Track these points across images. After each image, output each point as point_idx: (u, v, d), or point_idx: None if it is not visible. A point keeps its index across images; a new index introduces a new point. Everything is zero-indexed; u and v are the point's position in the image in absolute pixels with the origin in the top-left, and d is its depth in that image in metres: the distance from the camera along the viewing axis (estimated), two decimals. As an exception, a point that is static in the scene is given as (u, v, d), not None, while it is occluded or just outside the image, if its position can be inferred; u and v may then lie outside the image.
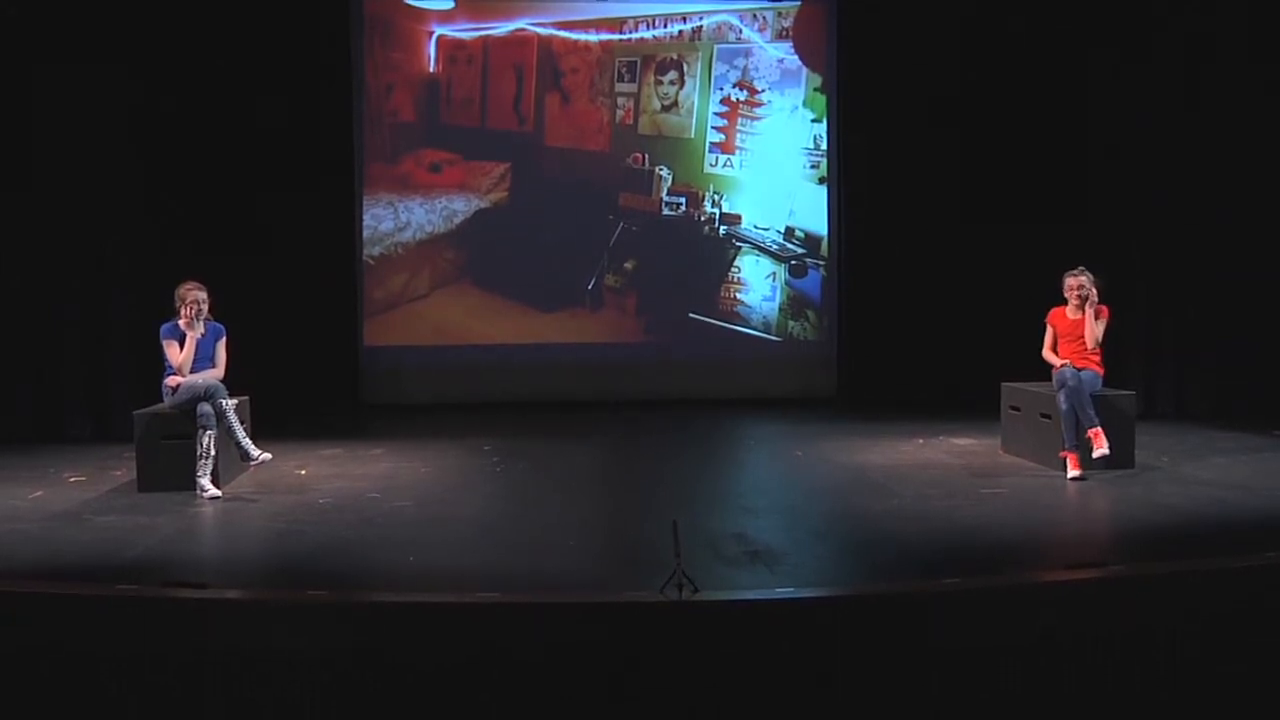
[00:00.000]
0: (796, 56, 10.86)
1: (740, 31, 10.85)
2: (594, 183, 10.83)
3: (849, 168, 10.67)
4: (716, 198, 10.87)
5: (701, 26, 10.85)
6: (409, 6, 10.63)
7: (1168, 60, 9.28)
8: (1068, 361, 6.97)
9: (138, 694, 4.08)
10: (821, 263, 10.92)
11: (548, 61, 10.77)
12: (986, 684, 4.13)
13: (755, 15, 10.84)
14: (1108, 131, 9.56)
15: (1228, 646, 4.28)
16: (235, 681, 4.06)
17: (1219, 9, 9.16)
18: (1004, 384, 7.82)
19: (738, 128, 10.87)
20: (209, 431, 6.49)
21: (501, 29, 10.73)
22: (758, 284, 10.94)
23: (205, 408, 6.51)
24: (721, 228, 10.89)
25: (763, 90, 10.86)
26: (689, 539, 4.67)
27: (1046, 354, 7.22)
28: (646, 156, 10.84)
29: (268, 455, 6.69)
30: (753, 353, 10.93)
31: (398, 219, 10.71)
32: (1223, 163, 9.21)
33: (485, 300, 10.81)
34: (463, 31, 10.70)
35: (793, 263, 10.93)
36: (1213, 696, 4.23)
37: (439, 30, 10.67)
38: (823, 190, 10.91)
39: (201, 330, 6.78)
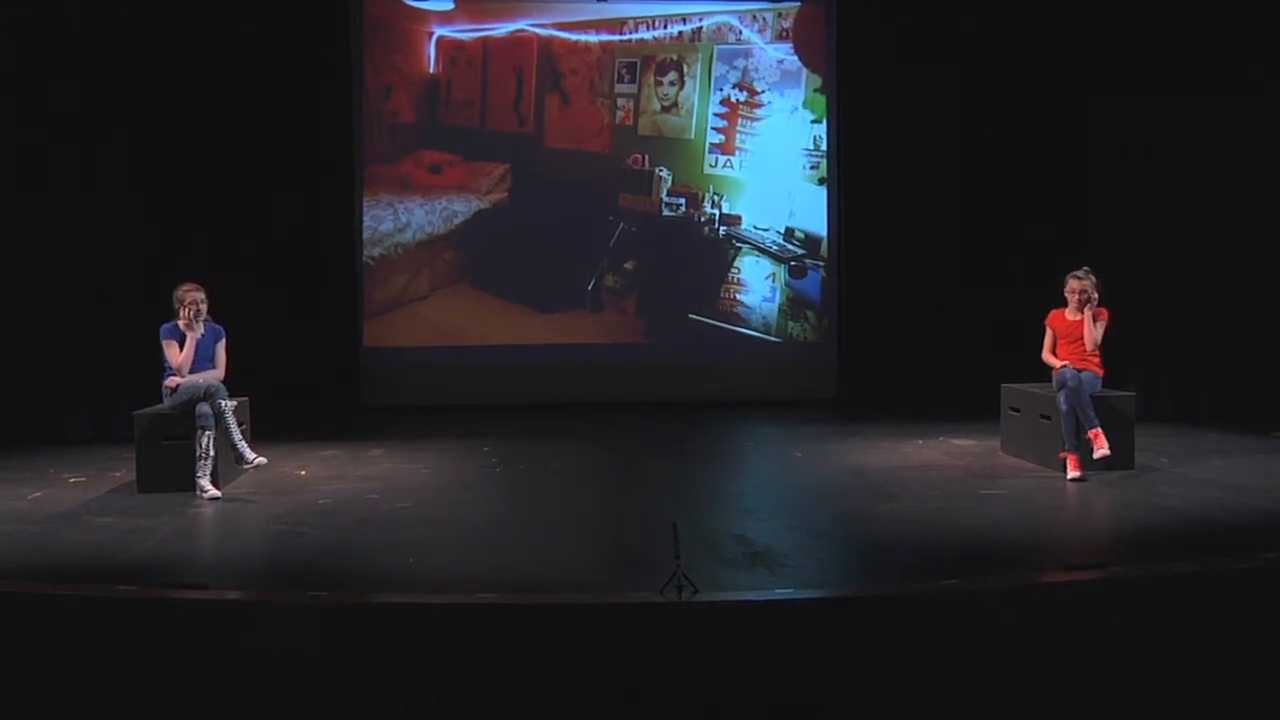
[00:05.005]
0: (796, 57, 10.87)
1: (740, 32, 10.86)
2: (594, 184, 10.83)
3: (849, 169, 10.67)
4: (716, 198, 10.87)
5: (701, 27, 10.85)
6: (409, 7, 10.63)
7: (1170, 62, 9.27)
8: (1067, 363, 6.97)
9: (138, 694, 4.08)
10: (821, 263, 10.93)
11: (547, 62, 10.77)
12: (986, 684, 4.13)
13: (755, 16, 10.84)
14: (1108, 132, 9.55)
15: (1228, 646, 4.28)
16: (235, 681, 4.06)
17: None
18: (1004, 385, 7.82)
19: (738, 129, 10.87)
20: (208, 432, 6.48)
21: (501, 30, 10.73)
22: (757, 285, 10.94)
23: (204, 408, 6.51)
24: (721, 228, 10.89)
25: (763, 91, 10.86)
26: (689, 540, 4.68)
27: (1046, 356, 7.22)
28: (646, 157, 10.84)
29: (263, 459, 6.70)
30: (752, 354, 10.93)
31: (398, 220, 10.71)
32: (1223, 162, 9.21)
33: (485, 301, 10.81)
34: (463, 32, 10.70)
35: (792, 263, 10.93)
36: (1213, 696, 4.23)
37: (439, 31, 10.67)
38: (822, 191, 10.92)
39: (201, 331, 6.78)
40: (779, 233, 10.92)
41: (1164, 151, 9.32)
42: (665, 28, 10.84)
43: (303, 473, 7.31)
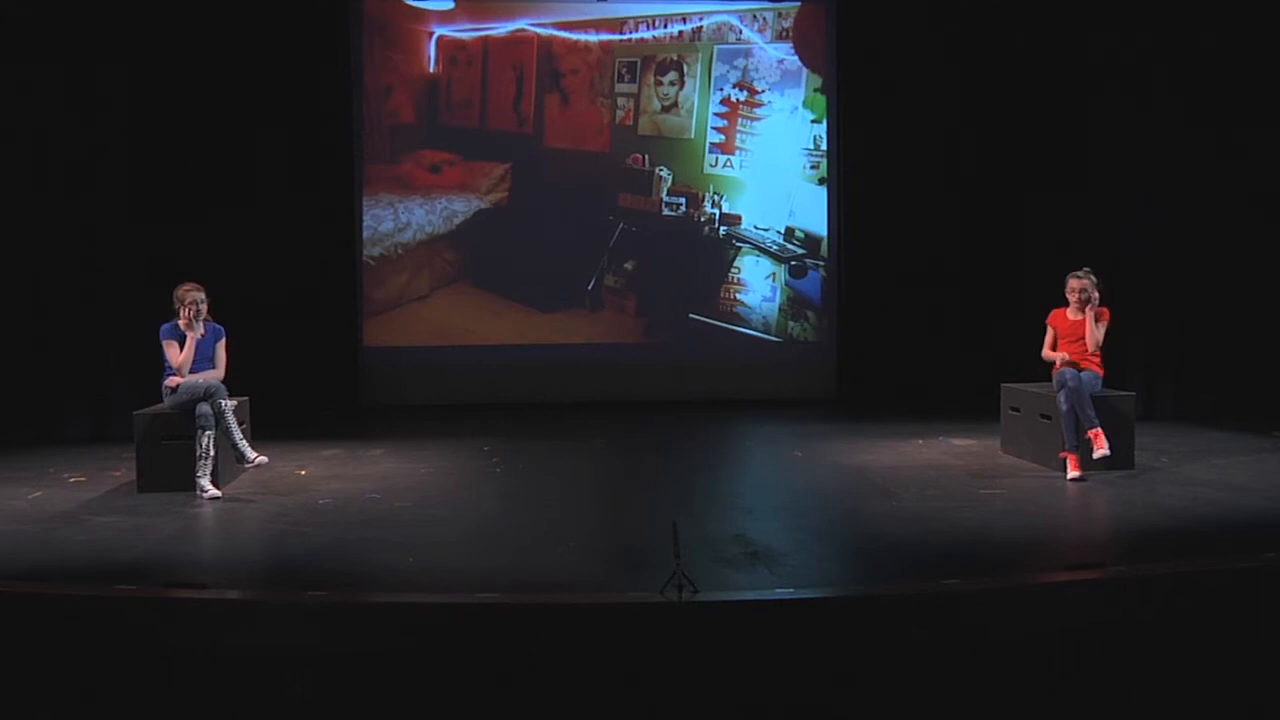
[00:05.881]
0: (796, 57, 10.87)
1: (740, 32, 10.86)
2: (594, 183, 10.83)
3: (849, 168, 10.67)
4: (716, 198, 10.87)
5: (701, 27, 10.85)
6: (409, 7, 10.63)
7: (1169, 60, 9.27)
8: (1065, 354, 6.99)
9: (138, 694, 4.08)
10: (821, 263, 10.93)
11: (547, 62, 10.77)
12: (986, 684, 4.13)
13: (755, 16, 10.84)
14: (1109, 131, 9.54)
15: (1228, 646, 4.28)
16: (235, 681, 4.06)
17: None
18: (1004, 384, 7.82)
19: (738, 128, 10.87)
20: (208, 432, 6.49)
21: (501, 29, 10.73)
22: (758, 284, 10.94)
23: (204, 408, 6.51)
24: (721, 228, 10.89)
25: (763, 91, 10.86)
26: (689, 540, 4.68)
27: (1046, 352, 7.21)
28: (646, 157, 10.84)
29: (264, 458, 6.69)
30: (753, 353, 10.93)
31: (398, 219, 10.71)
32: (1223, 161, 9.21)
33: (485, 301, 10.81)
34: (462, 32, 10.70)
35: (793, 263, 10.93)
36: (1212, 696, 4.22)
37: (439, 31, 10.67)
38: (823, 191, 10.92)
39: (201, 331, 6.78)
40: (779, 232, 10.92)
41: (1164, 151, 9.31)
42: (665, 27, 10.84)
43: (303, 472, 7.31)
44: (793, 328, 10.98)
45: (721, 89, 10.87)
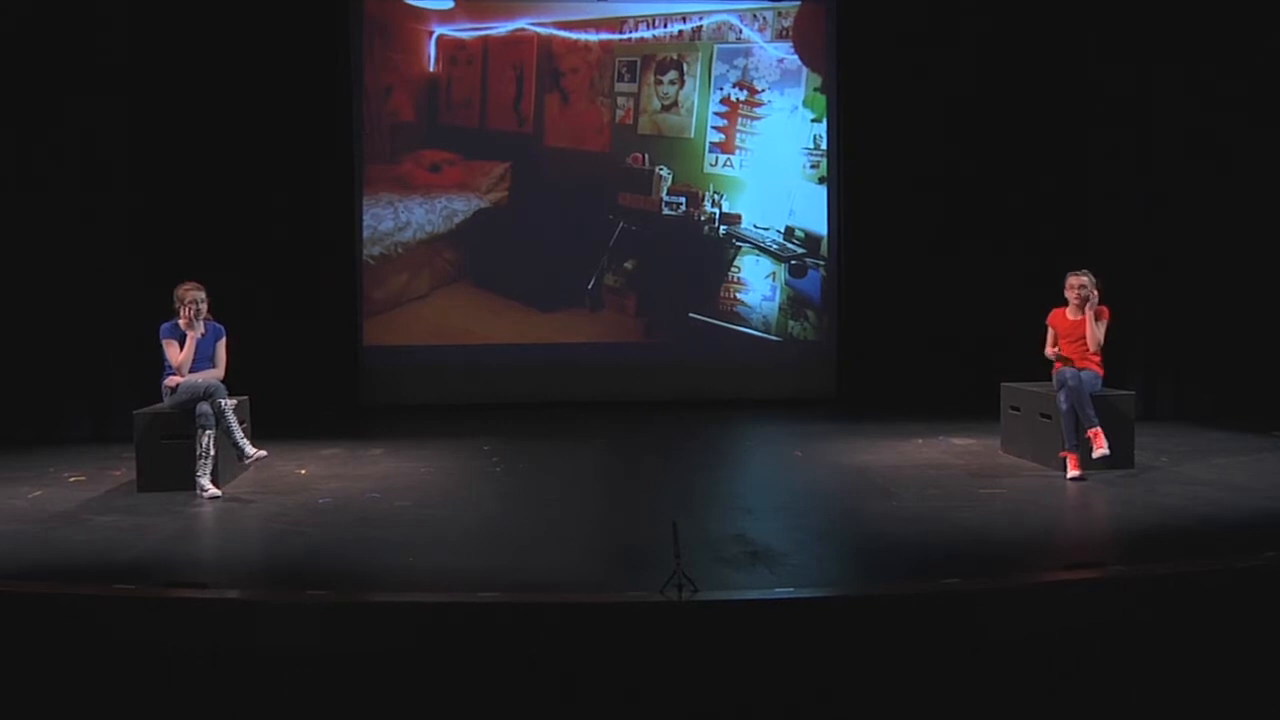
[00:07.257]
0: (796, 56, 10.87)
1: (740, 31, 10.86)
2: (594, 183, 10.83)
3: (849, 168, 10.68)
4: (716, 197, 10.87)
5: (701, 26, 10.85)
6: (409, 6, 10.63)
7: (1169, 59, 9.27)
8: (1059, 348, 7.01)
9: (138, 694, 4.08)
10: (821, 262, 10.93)
11: (547, 61, 10.77)
12: (986, 684, 4.13)
13: (755, 15, 10.84)
14: (1110, 128, 9.53)
15: (1228, 646, 4.28)
16: (235, 681, 4.06)
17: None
18: (1004, 384, 7.82)
19: (738, 128, 10.87)
20: (208, 431, 6.49)
21: (501, 29, 10.73)
22: (757, 284, 10.94)
23: (204, 407, 6.51)
24: (721, 227, 10.89)
25: (763, 90, 10.87)
26: (689, 539, 4.68)
27: (1048, 350, 7.21)
28: (646, 156, 10.84)
29: (263, 453, 6.69)
30: (752, 353, 10.93)
31: (398, 219, 10.72)
32: (1223, 160, 9.21)
33: (485, 300, 10.81)
34: (463, 31, 10.70)
35: (792, 262, 10.93)
36: (1211, 696, 4.22)
37: (439, 30, 10.67)
38: (823, 190, 10.92)
39: (201, 330, 6.78)
40: (779, 231, 10.92)
41: (1164, 152, 9.31)
42: (665, 27, 10.84)
43: (303, 472, 7.31)
44: (793, 327, 10.98)
45: (721, 88, 10.87)
